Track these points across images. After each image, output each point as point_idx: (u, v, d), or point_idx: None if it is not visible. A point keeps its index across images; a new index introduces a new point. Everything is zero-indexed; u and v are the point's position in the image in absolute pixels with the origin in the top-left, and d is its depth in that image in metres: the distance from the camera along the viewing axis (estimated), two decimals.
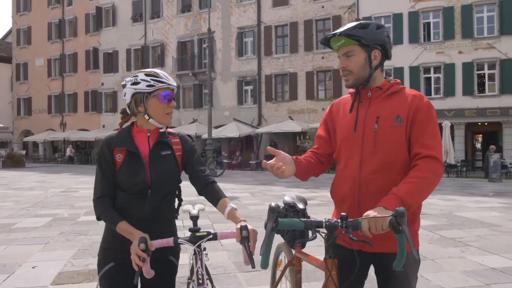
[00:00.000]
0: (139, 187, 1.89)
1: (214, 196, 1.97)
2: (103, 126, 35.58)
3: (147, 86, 1.91)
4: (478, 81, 23.14)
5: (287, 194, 2.21)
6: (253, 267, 1.72)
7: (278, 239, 2.13)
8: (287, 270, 2.27)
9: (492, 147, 18.95)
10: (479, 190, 13.48)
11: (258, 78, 28.82)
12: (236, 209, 1.91)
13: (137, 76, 1.94)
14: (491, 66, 22.83)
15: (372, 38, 1.88)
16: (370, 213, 1.61)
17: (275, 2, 28.41)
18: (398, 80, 1.98)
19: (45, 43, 38.84)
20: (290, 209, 2.13)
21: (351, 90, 2.03)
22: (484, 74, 23.03)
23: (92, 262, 5.06)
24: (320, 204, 10.04)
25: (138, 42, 34.11)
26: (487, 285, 4.15)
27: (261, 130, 26.79)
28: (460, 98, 23.02)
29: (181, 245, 1.92)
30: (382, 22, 25.04)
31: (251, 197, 11.74)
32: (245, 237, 1.74)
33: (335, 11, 26.51)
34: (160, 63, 33.01)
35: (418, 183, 1.71)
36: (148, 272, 1.74)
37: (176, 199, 2.11)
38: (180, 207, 2.19)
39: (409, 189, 1.69)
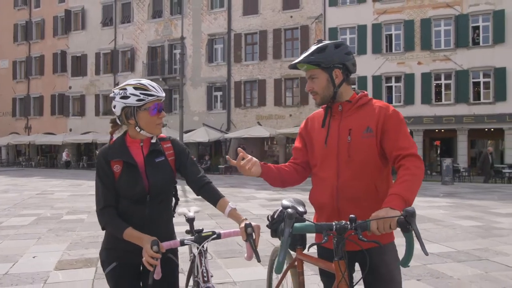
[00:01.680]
0: (139, 195, 1.98)
1: (212, 196, 2.06)
2: (70, 130, 35.21)
3: (137, 100, 1.94)
4: (436, 90, 24.64)
5: (285, 198, 2.32)
6: (259, 261, 1.84)
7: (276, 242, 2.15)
8: (288, 273, 2.29)
9: (489, 148, 20.19)
10: (431, 192, 14.61)
11: (228, 84, 29.45)
12: (236, 209, 2.01)
13: (126, 89, 1.95)
14: (447, 77, 24.39)
15: (330, 60, 2.02)
16: (379, 213, 1.69)
17: (245, 11, 29.18)
18: (366, 92, 2.15)
19: (10, 44, 38.07)
20: None
21: (323, 105, 2.19)
22: (441, 84, 24.53)
23: (86, 253, 5.56)
24: None
25: (108, 46, 34.06)
26: (423, 265, 4.94)
27: (230, 135, 27.39)
28: (419, 106, 24.45)
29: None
30: (347, 33, 26.36)
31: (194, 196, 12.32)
32: (250, 234, 1.86)
33: (303, 21, 27.54)
34: (130, 68, 33.12)
35: (411, 180, 1.83)
36: (159, 273, 1.84)
37: (173, 199, 2.20)
38: (176, 209, 2.29)
39: (406, 187, 1.80)
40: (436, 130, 24.99)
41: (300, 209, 2.14)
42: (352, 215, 1.68)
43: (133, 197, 1.97)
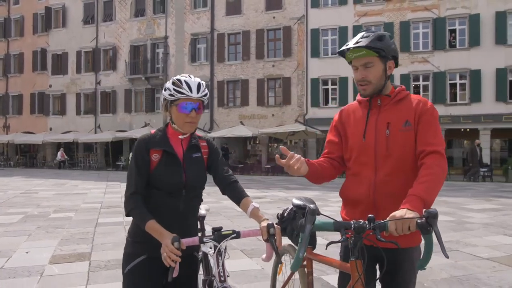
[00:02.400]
0: (176, 187, 1.99)
1: (237, 195, 2.08)
2: (50, 129, 34.81)
3: (169, 95, 1.98)
4: (414, 91, 25.25)
5: (295, 197, 2.28)
6: (280, 262, 1.90)
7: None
8: (296, 272, 2.24)
9: (477, 141, 20.21)
10: None
11: (211, 84, 29.60)
12: (258, 208, 2.00)
13: (169, 81, 2.03)
14: (425, 78, 25.09)
15: (389, 50, 1.97)
16: (396, 214, 1.66)
17: (228, 11, 29.39)
18: (403, 87, 2.08)
19: None
20: (300, 211, 2.11)
21: (359, 97, 2.13)
22: (419, 85, 25.23)
23: (78, 248, 5.74)
24: (270, 202, 11.03)
25: (89, 45, 33.80)
26: None
27: (213, 134, 27.52)
28: None
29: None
30: (329, 34, 26.84)
31: (207, 196, 12.52)
32: (272, 234, 1.84)
33: (285, 22, 27.89)
34: (112, 67, 32.97)
35: (431, 180, 1.79)
36: (177, 270, 1.82)
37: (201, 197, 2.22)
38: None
39: (425, 188, 1.76)
40: None
41: (312, 207, 2.02)
42: (370, 215, 1.65)
43: (169, 188, 1.97)
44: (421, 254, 1.68)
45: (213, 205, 8.66)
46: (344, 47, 2.01)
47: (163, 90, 2.03)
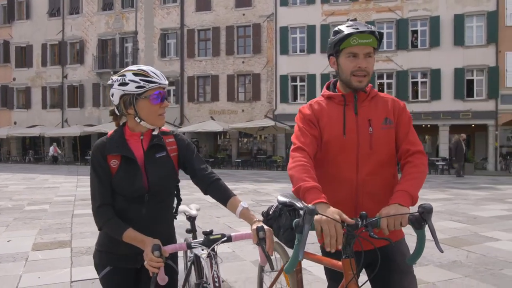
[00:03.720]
0: (137, 193, 1.82)
1: (222, 195, 1.91)
2: (15, 123, 33.97)
3: (137, 87, 1.77)
4: (379, 89, 26.26)
5: (280, 193, 2.17)
6: (272, 268, 1.73)
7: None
8: (283, 272, 2.18)
9: (462, 135, 19.97)
10: None
11: (181, 79, 29.72)
12: (248, 208, 1.85)
13: (124, 75, 1.80)
14: (389, 76, 26.14)
15: (380, 45, 1.90)
16: (389, 211, 1.62)
17: (198, 7, 29.53)
18: (371, 85, 2.00)
19: None
20: (286, 208, 1.98)
21: (327, 92, 2.01)
22: (383, 83, 26.26)
23: (58, 237, 6.03)
24: (241, 194, 11.50)
25: (55, 38, 33.14)
26: None
27: (183, 129, 27.67)
28: None
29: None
30: (298, 32, 27.48)
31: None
32: (262, 238, 1.71)
33: (255, 19, 28.32)
34: (79, 60, 32.50)
35: (418, 178, 1.80)
36: (163, 279, 1.71)
37: (175, 199, 2.06)
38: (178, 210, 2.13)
39: (414, 185, 1.76)
40: None
41: (298, 204, 1.93)
42: (363, 212, 1.59)
43: (131, 195, 1.82)
44: (409, 248, 1.65)
45: (186, 197, 9.00)
46: (351, 30, 1.82)
47: (118, 86, 1.79)
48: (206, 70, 29.34)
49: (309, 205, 1.54)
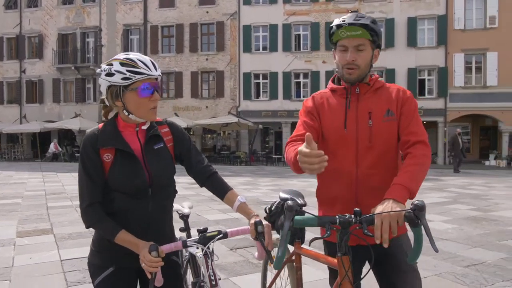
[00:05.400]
0: (139, 188, 1.71)
1: (219, 188, 1.86)
2: None
3: (122, 79, 1.64)
4: None
5: (282, 190, 2.19)
6: (272, 262, 1.67)
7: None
8: (285, 267, 2.20)
9: (458, 130, 20.14)
10: None
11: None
12: (246, 203, 1.81)
13: (112, 65, 1.67)
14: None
15: (379, 37, 1.85)
16: (383, 208, 1.55)
17: (162, 3, 29.64)
18: (378, 75, 1.97)
19: None
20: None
21: (333, 85, 1.97)
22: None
23: (38, 226, 6.43)
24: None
25: (12, 31, 32.23)
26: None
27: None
28: None
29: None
30: (260, 31, 28.19)
31: None
32: (260, 232, 1.68)
33: (218, 17, 28.79)
34: (38, 55, 31.80)
35: (417, 170, 1.71)
36: (160, 280, 1.67)
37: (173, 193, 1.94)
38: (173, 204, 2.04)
39: (411, 177, 1.67)
40: None
41: (299, 201, 1.94)
42: (356, 209, 1.55)
43: (131, 191, 1.70)
44: (412, 245, 1.60)
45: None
46: (338, 21, 1.85)
47: (104, 76, 1.67)
48: (170, 67, 29.53)
49: (289, 201, 1.53)
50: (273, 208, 2.05)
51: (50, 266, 4.37)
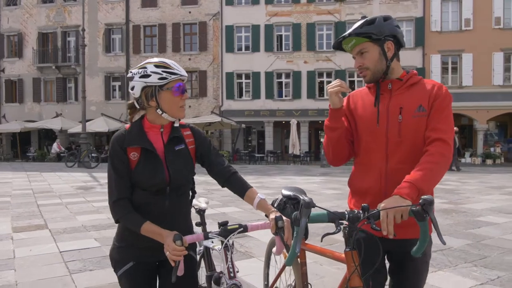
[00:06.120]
0: (158, 185, 1.84)
1: (240, 187, 1.94)
2: None
3: (159, 79, 1.80)
4: (319, 86, 28.04)
5: (284, 187, 2.26)
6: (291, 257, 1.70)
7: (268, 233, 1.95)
8: None
9: (455, 128, 20.84)
10: (311, 172, 17.43)
11: (126, 75, 29.65)
12: (265, 199, 1.87)
13: (146, 67, 1.82)
14: (328, 75, 27.94)
15: (382, 31, 1.88)
16: (386, 203, 1.60)
17: (144, 3, 29.69)
18: (416, 71, 1.98)
19: None
20: (290, 201, 2.11)
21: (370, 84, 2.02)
22: (323, 81, 28.02)
23: (32, 222, 6.64)
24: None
25: None
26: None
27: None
28: (305, 100, 27.64)
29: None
30: (243, 31, 28.54)
31: None
32: (280, 227, 1.73)
33: (201, 17, 29.01)
34: (18, 53, 31.45)
35: (431, 169, 1.72)
36: (181, 269, 1.74)
37: (190, 192, 2.06)
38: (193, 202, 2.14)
39: (423, 176, 1.69)
40: (320, 122, 28.40)
41: (302, 197, 1.89)
42: (364, 204, 1.60)
43: (152, 187, 1.84)
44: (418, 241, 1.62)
45: None
46: (339, 39, 2.00)
47: (139, 78, 1.81)
48: None
49: (306, 198, 1.56)
50: (275, 205, 2.12)
51: (50, 257, 4.64)
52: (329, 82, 27.68)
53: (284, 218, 1.75)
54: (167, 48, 29.37)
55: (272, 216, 1.76)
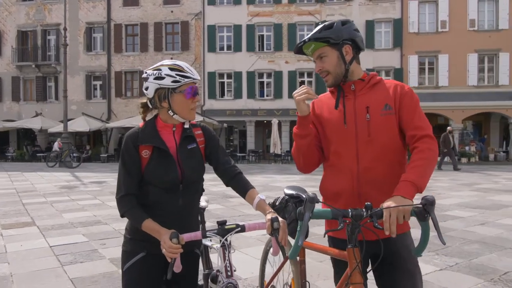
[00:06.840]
0: (172, 183, 1.89)
1: (242, 187, 1.99)
2: None
3: (173, 82, 1.85)
4: (300, 85, 28.46)
5: (286, 186, 2.31)
6: (285, 257, 1.78)
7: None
8: (287, 261, 2.25)
9: (449, 128, 20.28)
10: (291, 171, 17.84)
11: (108, 74, 29.66)
12: (264, 200, 1.91)
13: (160, 70, 1.87)
14: (309, 75, 28.41)
15: (339, 36, 1.92)
16: (389, 203, 1.61)
17: (126, 2, 29.63)
18: (376, 73, 2.03)
19: None
20: (292, 199, 2.14)
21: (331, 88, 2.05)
22: (304, 80, 28.48)
23: (19, 220, 6.81)
24: None
25: None
26: None
27: (111, 124, 27.74)
28: (286, 100, 28.04)
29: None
30: (225, 31, 28.78)
31: (114, 181, 13.67)
32: (276, 228, 1.76)
33: (183, 16, 29.14)
34: None
35: (424, 165, 1.76)
36: (178, 266, 1.78)
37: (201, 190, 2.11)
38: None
39: (418, 173, 1.73)
40: None
41: (305, 196, 1.95)
42: (368, 203, 1.63)
43: (164, 185, 1.89)
44: (414, 240, 1.67)
45: None
46: (299, 44, 2.03)
47: (154, 80, 1.87)
48: (134, 66, 29.59)
49: (310, 193, 1.60)
50: (277, 204, 2.17)
51: (41, 251, 4.87)
52: (310, 82, 28.19)
53: (280, 219, 1.79)
54: (149, 48, 29.41)
55: (268, 217, 1.80)
